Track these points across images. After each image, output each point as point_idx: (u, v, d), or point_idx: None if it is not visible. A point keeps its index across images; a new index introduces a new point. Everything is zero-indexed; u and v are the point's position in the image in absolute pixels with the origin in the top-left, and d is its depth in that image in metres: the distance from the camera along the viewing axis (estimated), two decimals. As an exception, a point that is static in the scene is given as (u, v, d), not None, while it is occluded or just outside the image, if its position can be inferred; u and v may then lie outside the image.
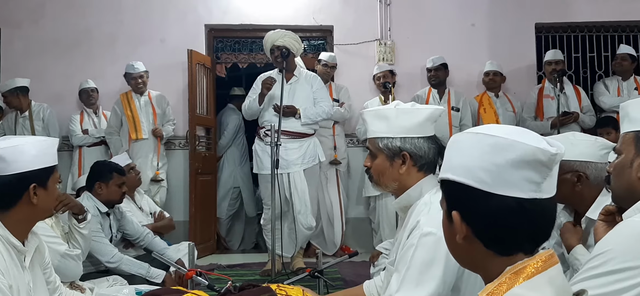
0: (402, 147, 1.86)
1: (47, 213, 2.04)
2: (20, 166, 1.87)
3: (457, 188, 1.05)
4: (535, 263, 1.00)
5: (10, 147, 1.87)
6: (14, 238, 1.86)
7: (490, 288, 1.01)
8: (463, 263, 1.15)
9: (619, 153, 1.56)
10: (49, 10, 5.99)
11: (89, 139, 5.69)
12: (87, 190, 3.56)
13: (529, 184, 1.00)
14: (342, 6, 6.12)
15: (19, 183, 1.87)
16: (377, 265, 3.61)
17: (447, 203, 1.09)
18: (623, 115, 1.58)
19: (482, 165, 1.01)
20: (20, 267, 1.88)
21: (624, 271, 1.24)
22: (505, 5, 6.16)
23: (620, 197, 1.55)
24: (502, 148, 1.01)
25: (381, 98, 5.67)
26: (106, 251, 3.41)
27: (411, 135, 1.86)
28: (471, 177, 1.02)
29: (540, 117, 5.70)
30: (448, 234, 1.11)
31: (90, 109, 5.81)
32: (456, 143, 1.09)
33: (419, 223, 1.72)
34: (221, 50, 6.32)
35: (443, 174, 1.10)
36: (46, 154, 1.95)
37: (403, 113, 1.89)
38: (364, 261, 4.57)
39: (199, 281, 2.63)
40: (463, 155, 1.05)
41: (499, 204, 1.00)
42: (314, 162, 4.71)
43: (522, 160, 1.00)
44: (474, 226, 1.03)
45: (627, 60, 5.73)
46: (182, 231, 5.54)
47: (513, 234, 1.01)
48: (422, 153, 1.85)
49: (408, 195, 1.88)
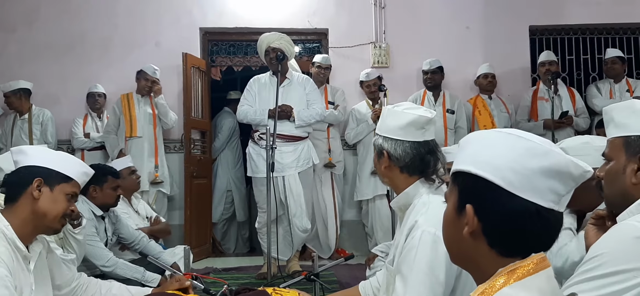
0: (382, 145, 1.95)
1: (48, 221, 2.01)
2: (35, 160, 2.00)
3: (478, 182, 1.04)
4: (527, 265, 1.01)
5: (37, 147, 2.02)
6: (20, 243, 1.90)
7: (482, 287, 1.02)
8: (457, 258, 1.14)
9: (609, 159, 1.56)
10: (44, 14, 5.98)
11: (90, 143, 5.70)
12: (82, 194, 3.55)
13: (553, 195, 1.01)
14: (336, 9, 6.13)
15: (27, 174, 1.98)
16: (373, 268, 3.61)
17: (461, 196, 1.08)
18: (607, 119, 1.58)
19: (513, 167, 1.01)
20: (25, 269, 1.91)
21: (617, 274, 1.25)
22: (499, 8, 6.18)
23: (614, 202, 1.55)
24: (537, 154, 1.01)
25: (368, 102, 5.68)
26: (101, 256, 3.40)
27: (393, 136, 1.93)
28: (498, 175, 1.02)
29: (535, 120, 5.73)
30: (452, 227, 1.11)
31: (94, 113, 5.82)
32: (484, 139, 1.09)
33: (418, 223, 1.73)
34: (216, 54, 6.32)
35: (461, 166, 1.09)
36: (66, 163, 2.06)
37: (390, 113, 1.97)
38: (359, 264, 4.57)
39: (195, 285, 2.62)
40: (493, 152, 1.04)
41: (520, 207, 1.00)
42: (308, 164, 4.71)
43: (554, 170, 1.01)
44: (486, 222, 1.03)
45: (618, 63, 5.77)
46: (178, 234, 5.53)
47: (522, 238, 1.02)
48: (397, 156, 1.90)
49: (406, 194, 1.91)
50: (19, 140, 5.51)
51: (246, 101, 4.76)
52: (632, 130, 1.50)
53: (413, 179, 1.92)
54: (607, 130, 1.59)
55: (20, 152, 2.05)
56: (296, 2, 6.10)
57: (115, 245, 3.78)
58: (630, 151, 1.49)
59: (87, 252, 3.29)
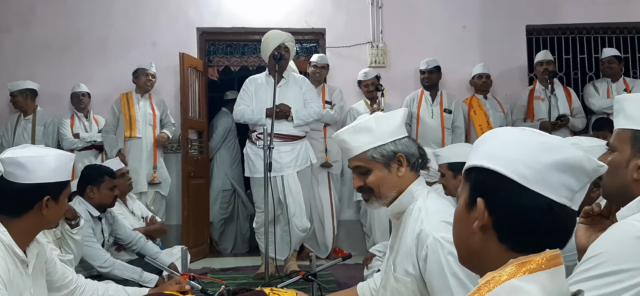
0: (395, 150, 1.88)
1: (51, 225, 2.04)
2: (39, 176, 1.89)
3: (490, 176, 1.04)
4: (539, 259, 0.99)
5: (33, 157, 1.89)
6: (18, 248, 1.87)
7: (491, 275, 1.01)
8: (466, 257, 1.13)
9: (613, 149, 1.52)
10: (40, 14, 5.96)
11: (79, 143, 5.65)
12: (79, 195, 3.54)
13: (566, 190, 1.01)
14: (333, 9, 6.13)
15: (35, 193, 1.89)
16: (371, 268, 3.61)
17: (472, 190, 1.08)
18: (618, 108, 1.54)
19: (526, 160, 1.01)
20: (23, 274, 1.89)
21: (617, 273, 1.24)
22: (496, 7, 6.19)
23: (612, 194, 1.53)
24: (550, 148, 1.02)
25: (366, 102, 5.68)
26: (98, 256, 3.39)
27: (398, 137, 1.90)
28: (511, 169, 1.02)
29: (531, 119, 5.75)
30: (463, 222, 1.10)
31: (81, 113, 5.77)
32: (497, 135, 1.09)
33: (424, 231, 1.71)
34: (213, 54, 6.31)
35: (475, 161, 1.08)
36: (64, 169, 1.98)
37: (382, 119, 1.93)
38: (357, 263, 4.57)
39: (193, 285, 2.62)
40: (506, 147, 1.05)
41: (531, 201, 1.00)
42: (306, 164, 4.71)
43: (567, 164, 1.01)
44: (498, 216, 1.03)
45: (615, 62, 5.78)
46: (175, 235, 5.52)
47: (533, 233, 1.02)
48: (413, 151, 1.90)
49: (400, 202, 1.89)
50: (21, 139, 5.49)
51: (243, 101, 4.75)
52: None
53: (414, 175, 1.91)
54: (616, 119, 1.55)
55: (15, 164, 1.86)
56: (293, 2, 6.09)
57: (111, 245, 3.77)
58: (637, 146, 1.46)
59: (85, 253, 3.28)
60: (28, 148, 1.95)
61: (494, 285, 0.99)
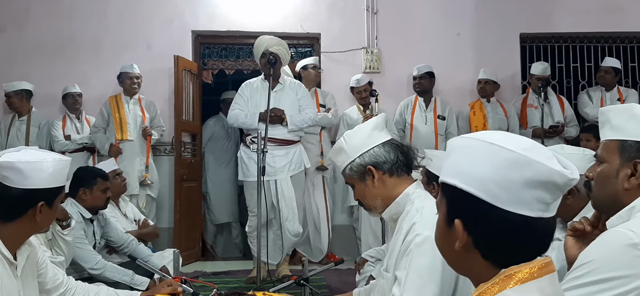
0: (362, 162, 1.94)
1: (44, 230, 2.03)
2: (35, 183, 1.87)
3: (463, 196, 1.02)
4: (530, 269, 0.99)
5: (30, 162, 1.86)
6: (7, 251, 1.86)
7: (483, 287, 1.01)
8: (455, 268, 1.14)
9: (601, 160, 1.53)
10: (34, 15, 5.94)
11: (71, 145, 5.59)
12: (71, 197, 3.52)
13: (540, 204, 1.00)
14: (329, 14, 6.14)
15: (30, 198, 1.88)
16: (363, 273, 3.60)
17: (449, 210, 1.07)
18: (603, 120, 1.55)
19: (495, 179, 0.99)
20: (12, 276, 1.88)
21: (606, 281, 1.24)
22: (490, 15, 6.22)
23: (602, 205, 1.54)
24: (519, 165, 0.99)
25: (359, 108, 5.69)
26: (90, 258, 3.37)
27: (365, 149, 1.95)
28: (482, 188, 1.00)
29: (524, 126, 5.77)
30: (444, 239, 1.09)
31: (73, 114, 5.72)
32: (465, 148, 1.06)
33: (414, 226, 1.74)
34: (208, 57, 6.30)
35: (446, 178, 1.07)
36: (60, 175, 1.97)
37: (350, 136, 2.01)
38: (349, 268, 4.57)
39: (184, 289, 2.61)
40: (475, 164, 1.02)
41: (506, 219, 0.99)
42: (300, 168, 4.71)
43: (538, 181, 0.99)
44: (477, 235, 1.02)
45: (611, 73, 5.84)
46: (167, 238, 5.50)
47: (513, 249, 1.01)
48: (382, 159, 1.93)
49: (397, 204, 1.91)
50: (15, 141, 5.46)
51: (237, 105, 4.74)
52: (629, 134, 1.48)
53: (403, 179, 1.93)
54: (602, 131, 1.56)
55: (12, 169, 1.84)
56: (289, 7, 6.10)
57: (103, 248, 3.75)
58: (626, 156, 1.47)
59: (76, 255, 3.26)
60: (25, 151, 1.92)
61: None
